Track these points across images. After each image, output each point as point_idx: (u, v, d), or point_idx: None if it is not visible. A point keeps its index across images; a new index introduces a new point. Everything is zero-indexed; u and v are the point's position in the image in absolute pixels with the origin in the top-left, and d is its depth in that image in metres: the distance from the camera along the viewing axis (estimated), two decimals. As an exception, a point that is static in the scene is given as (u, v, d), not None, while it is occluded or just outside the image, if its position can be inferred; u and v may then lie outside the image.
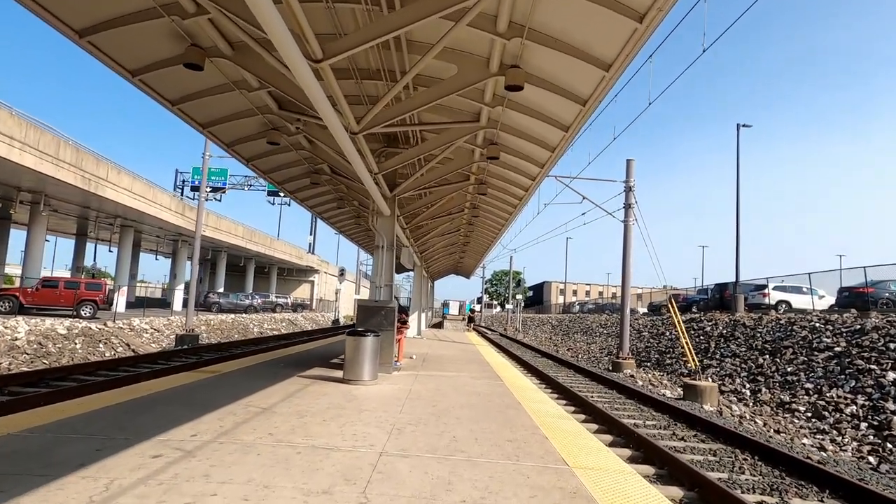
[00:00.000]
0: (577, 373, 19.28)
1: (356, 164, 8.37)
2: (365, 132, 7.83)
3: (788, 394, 15.37)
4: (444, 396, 8.37)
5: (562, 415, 7.67)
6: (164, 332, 25.31)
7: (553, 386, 14.55)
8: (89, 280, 26.58)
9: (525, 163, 10.80)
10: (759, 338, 21.10)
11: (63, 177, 20.52)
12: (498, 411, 7.42)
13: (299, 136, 10.78)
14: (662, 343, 28.08)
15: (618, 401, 12.89)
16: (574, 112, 7.83)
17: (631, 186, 19.85)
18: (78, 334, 19.69)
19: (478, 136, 10.19)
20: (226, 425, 5.61)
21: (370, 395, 8.02)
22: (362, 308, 10.79)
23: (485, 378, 11.04)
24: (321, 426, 5.84)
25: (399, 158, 9.96)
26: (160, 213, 29.45)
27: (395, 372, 10.87)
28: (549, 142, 9.30)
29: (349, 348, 9.02)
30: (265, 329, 36.69)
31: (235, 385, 8.25)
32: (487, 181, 13.25)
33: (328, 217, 19.02)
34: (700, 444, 8.94)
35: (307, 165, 12.90)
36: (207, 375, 9.23)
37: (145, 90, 7.81)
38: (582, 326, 45.87)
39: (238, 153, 11.09)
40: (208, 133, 9.68)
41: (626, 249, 20.38)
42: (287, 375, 9.63)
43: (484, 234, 21.08)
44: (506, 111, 8.73)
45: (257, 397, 7.31)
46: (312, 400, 7.35)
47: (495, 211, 16.19)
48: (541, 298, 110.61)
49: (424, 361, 13.57)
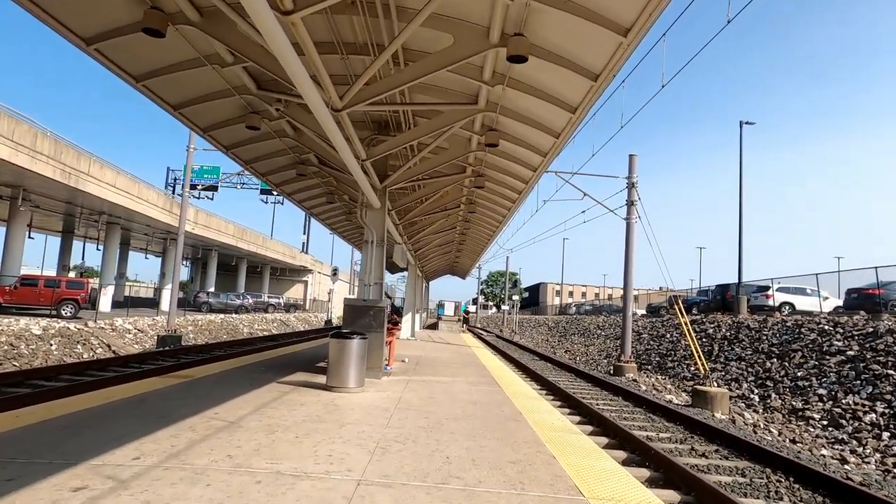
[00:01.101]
0: (577, 377, 18.49)
1: (341, 149, 7.55)
2: (349, 109, 7.00)
3: (800, 400, 14.61)
4: (437, 406, 7.55)
5: (568, 427, 6.86)
6: (149, 333, 24.39)
7: (554, 392, 13.74)
8: (70, 278, 25.62)
9: (526, 152, 9.99)
10: (764, 340, 20.36)
11: (40, 170, 19.57)
12: (497, 424, 6.61)
13: (282, 121, 9.95)
14: (663, 346, 27.32)
15: (625, 409, 12.09)
16: (583, 89, 7.03)
17: (634, 182, 19.08)
18: (54, 335, 18.77)
19: (475, 121, 9.38)
20: (179, 444, 4.77)
21: (354, 405, 7.19)
22: (349, 308, 9.95)
23: (482, 384, 10.23)
24: (292, 445, 5.01)
25: (389, 145, 9.12)
26: (146, 209, 28.46)
27: (384, 377, 10.04)
28: (554, 126, 8.49)
29: (333, 352, 8.19)
30: (255, 330, 35.78)
31: (205, 393, 7.41)
32: (485, 173, 12.44)
33: (318, 213, 18.16)
34: (725, 462, 8.08)
35: (292, 155, 12.07)
36: (178, 381, 8.39)
37: (103, 62, 6.97)
38: (579, 328, 45.10)
39: (216, 139, 10.23)
40: (180, 115, 8.82)
41: (629, 248, 19.60)
42: (265, 381, 8.79)
43: (480, 231, 20.27)
44: (507, 91, 7.92)
45: (226, 408, 6.47)
46: (288, 411, 6.52)
47: (493, 206, 15.38)
48: (536, 300, 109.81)
49: (417, 365, 12.75)
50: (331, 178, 13.89)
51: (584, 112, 7.57)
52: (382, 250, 10.66)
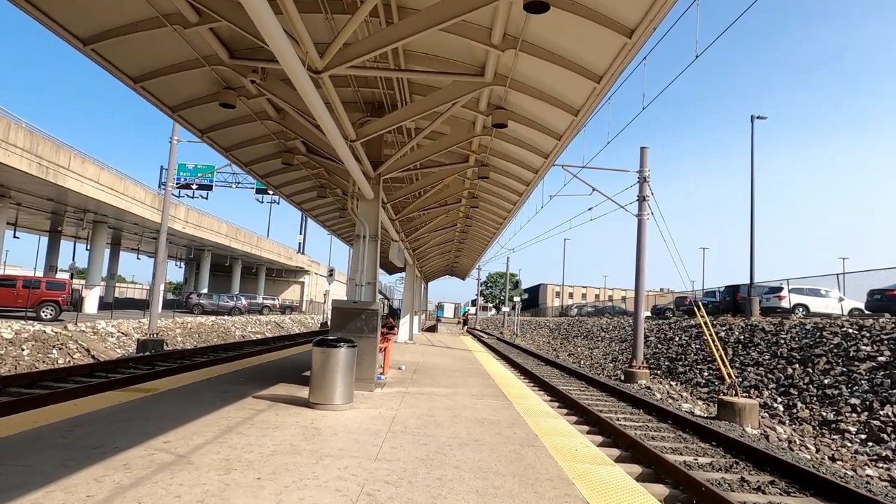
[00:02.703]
0: (589, 385, 17.31)
1: (326, 125, 6.40)
2: (331, 70, 5.84)
3: (831, 411, 13.46)
4: (438, 427, 6.40)
5: (594, 456, 5.71)
6: (133, 336, 23.18)
7: (568, 405, 12.49)
8: (51, 279, 24.42)
9: (538, 135, 8.84)
10: (783, 344, 19.22)
11: (14, 163, 18.36)
12: (511, 452, 5.46)
13: (262, 100, 8.80)
14: (672, 349, 26.16)
15: (650, 425, 10.86)
16: (612, 50, 5.89)
17: (646, 177, 17.93)
18: (28, 339, 17.59)
19: (481, 97, 8.23)
20: (99, 494, 3.61)
21: (339, 428, 6.02)
22: (338, 311, 8.79)
23: (488, 396, 9.08)
24: (250, 493, 3.85)
25: (382, 124, 7.95)
26: (132, 206, 27.22)
27: (377, 389, 8.88)
28: (573, 101, 7.35)
29: (316, 363, 7.02)
30: (248, 332, 34.57)
31: (162, 412, 6.24)
32: (489, 162, 11.29)
33: (310, 209, 17.00)
34: (789, 500, 6.83)
35: (277, 142, 10.92)
36: (139, 396, 7.23)
37: (42, 20, 5.82)
38: (582, 330, 43.93)
39: (188, 121, 9.07)
40: (142, 89, 7.67)
41: (641, 246, 18.45)
42: (240, 396, 7.63)
43: (482, 229, 19.12)
44: (519, 59, 6.77)
45: (181, 434, 5.31)
46: (257, 438, 5.36)
47: (497, 200, 14.22)
48: (536, 301, 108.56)
49: (416, 373, 11.59)
50: (321, 169, 12.76)
51: (611, 81, 6.43)
52: (376, 246, 9.51)
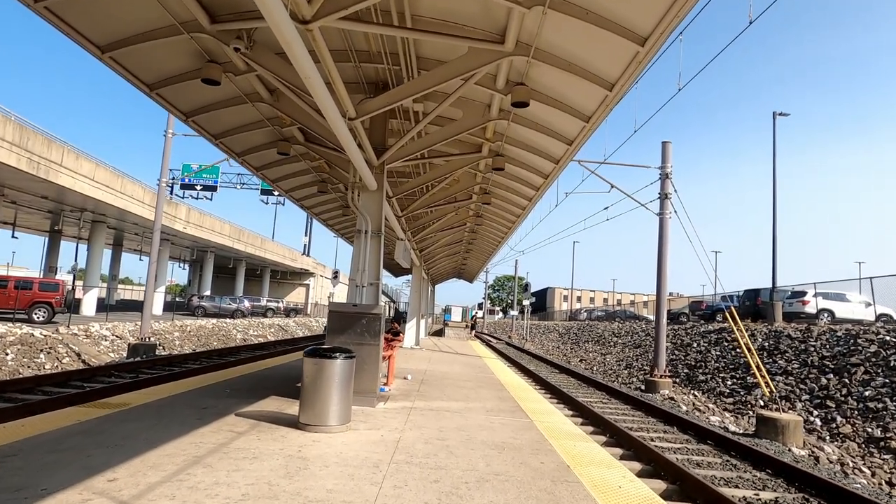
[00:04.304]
0: (610, 396, 16.15)
1: (319, 93, 5.38)
2: (321, 20, 4.83)
3: (877, 427, 12.29)
4: (451, 455, 5.35)
5: (645, 497, 4.64)
6: (128, 340, 22.28)
7: (593, 419, 11.32)
8: (44, 280, 23.55)
9: (562, 117, 7.80)
10: (813, 352, 18.04)
11: (2, 158, 17.43)
12: (542, 492, 4.40)
13: (251, 77, 7.81)
14: (690, 356, 24.98)
15: (689, 447, 9.56)
16: (664, 4, 4.85)
17: (668, 173, 16.82)
18: (13, 342, 16.68)
19: (499, 72, 7.18)
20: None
21: (332, 458, 4.98)
22: (336, 315, 7.75)
23: (505, 412, 8.02)
24: (199, 566, 2.81)
25: (386, 99, 6.92)
26: (129, 205, 26.31)
27: (380, 404, 7.84)
28: (606, 74, 6.30)
29: (307, 376, 5.99)
30: (250, 336, 33.62)
31: (122, 436, 5.23)
32: (505, 152, 10.25)
33: (310, 206, 15.99)
34: None
35: (272, 129, 9.92)
36: (102, 413, 6.23)
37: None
38: (593, 335, 42.74)
39: (168, 101, 8.07)
40: (111, 60, 6.68)
41: (662, 247, 17.33)
42: (220, 413, 6.61)
43: (494, 229, 18.06)
44: (547, 18, 5.72)
45: (134, 467, 4.29)
46: (227, 473, 4.32)
47: (512, 197, 13.16)
48: (544, 305, 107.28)
49: (423, 384, 10.54)
50: (322, 161, 11.77)
51: (659, 42, 5.39)
52: (379, 243, 8.48)
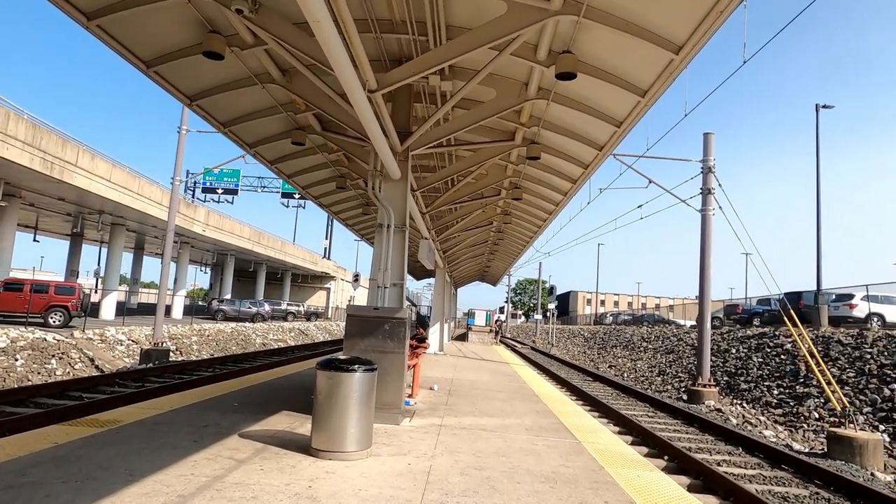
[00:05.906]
0: (654, 408, 14.93)
1: (332, 50, 4.45)
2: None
3: (960, 444, 10.98)
4: (493, 492, 4.36)
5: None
6: (144, 345, 21.72)
7: (644, 438, 10.02)
8: (60, 283, 23.14)
9: (613, 92, 6.78)
10: (870, 360, 16.65)
11: (13, 157, 17.01)
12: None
13: (260, 53, 6.95)
14: (730, 362, 23.59)
15: (765, 473, 8.11)
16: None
17: (711, 167, 15.61)
18: (24, 347, 16.14)
19: (542, 39, 6.16)
20: None
21: (348, 499, 4.03)
22: (354, 320, 6.81)
23: (547, 430, 7.00)
24: None
25: (412, 67, 5.95)
26: (147, 207, 25.85)
27: (405, 421, 6.88)
28: (671, 35, 5.29)
29: (321, 392, 5.06)
30: (269, 340, 33.01)
31: (97, 466, 4.35)
32: (541, 139, 9.23)
33: (328, 203, 15.12)
34: None
35: (285, 116, 9.06)
36: (86, 433, 5.38)
37: None
38: (620, 340, 41.31)
39: (170, 81, 7.25)
40: (99, 29, 5.86)
41: (705, 246, 16.12)
42: (223, 432, 5.71)
43: (523, 228, 17.02)
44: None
45: (100, 514, 3.39)
46: (216, 522, 3.40)
47: (545, 191, 12.11)
48: (566, 309, 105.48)
49: (451, 395, 9.57)
50: (340, 154, 10.93)
51: None
52: (403, 238, 7.54)
